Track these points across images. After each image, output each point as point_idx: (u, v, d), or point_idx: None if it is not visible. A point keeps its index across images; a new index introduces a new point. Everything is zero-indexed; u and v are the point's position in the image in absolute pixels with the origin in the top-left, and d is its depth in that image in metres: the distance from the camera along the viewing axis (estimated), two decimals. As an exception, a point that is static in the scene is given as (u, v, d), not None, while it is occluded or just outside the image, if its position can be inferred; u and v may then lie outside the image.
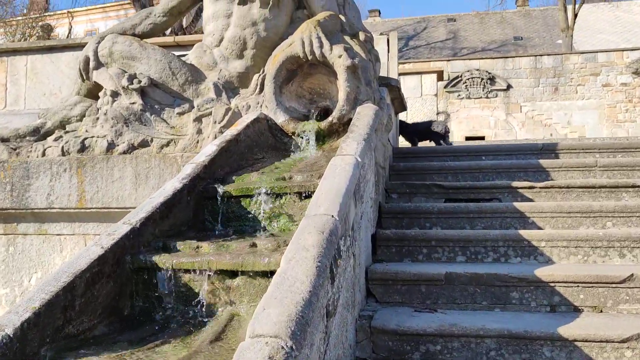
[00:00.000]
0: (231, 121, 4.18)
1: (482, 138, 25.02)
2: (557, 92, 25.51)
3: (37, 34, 18.80)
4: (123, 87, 4.34)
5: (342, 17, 4.40)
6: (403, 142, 7.08)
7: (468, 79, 25.48)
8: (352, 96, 3.96)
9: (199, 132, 4.26)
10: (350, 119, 3.94)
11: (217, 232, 2.93)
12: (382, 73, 6.33)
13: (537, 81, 25.59)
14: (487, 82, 25.43)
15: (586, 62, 25.12)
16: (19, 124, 7.12)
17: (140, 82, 4.33)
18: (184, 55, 4.63)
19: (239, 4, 4.38)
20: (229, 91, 4.46)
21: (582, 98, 25.13)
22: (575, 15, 26.77)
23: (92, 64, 4.50)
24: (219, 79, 4.46)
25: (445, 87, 25.37)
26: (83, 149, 4.39)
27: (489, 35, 31.11)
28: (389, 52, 6.44)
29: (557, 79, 25.54)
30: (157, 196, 2.72)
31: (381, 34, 6.44)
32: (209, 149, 3.36)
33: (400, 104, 5.75)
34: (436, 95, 9.50)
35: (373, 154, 3.74)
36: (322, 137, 4.05)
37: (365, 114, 3.75)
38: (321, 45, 3.93)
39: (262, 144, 3.94)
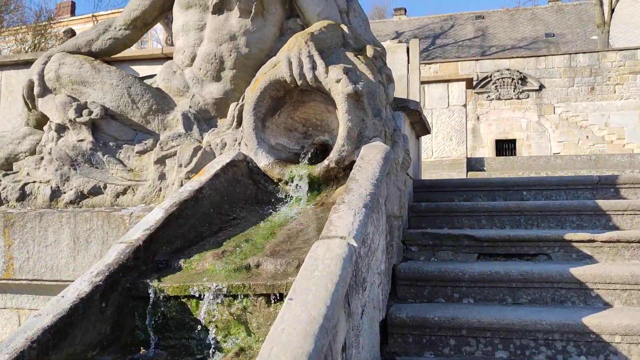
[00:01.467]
0: (201, 163, 3.26)
1: (513, 141, 23.81)
2: (593, 92, 24.11)
3: (55, 41, 18.22)
4: (70, 120, 3.46)
5: (345, 27, 3.44)
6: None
7: (498, 79, 24.27)
8: (354, 132, 3.02)
9: (162, 177, 3.36)
10: (354, 161, 3.00)
11: (149, 351, 2.01)
12: (401, 88, 5.35)
13: (571, 81, 24.22)
14: (518, 82, 24.18)
15: (625, 59, 23.67)
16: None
17: (90, 113, 3.44)
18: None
19: (213, 12, 3.46)
20: (203, 123, 3.54)
21: (621, 98, 23.70)
22: (612, 10, 25.29)
23: (36, 90, 3.64)
24: (190, 107, 3.55)
25: (474, 87, 24.18)
26: (23, 196, 3.53)
27: (519, 33, 29.73)
28: (409, 62, 5.46)
29: (593, 78, 24.15)
30: (50, 310, 1.81)
31: (400, 41, 5.46)
32: (152, 216, 2.45)
33: (422, 128, 4.77)
34: (465, 105, 8.46)
35: (382, 211, 2.78)
36: (317, 185, 3.11)
37: (370, 159, 2.79)
38: (314, 67, 3.00)
39: (237, 196, 3.02)
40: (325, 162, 3.03)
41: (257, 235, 2.61)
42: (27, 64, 6.42)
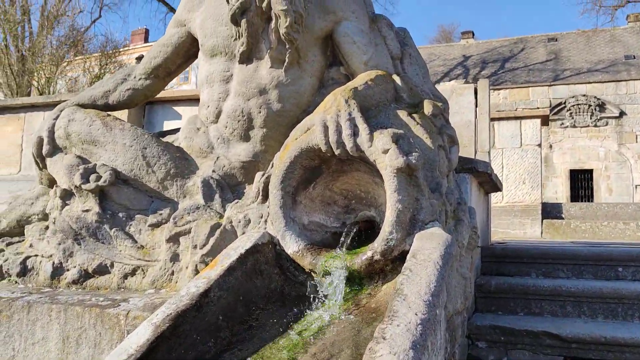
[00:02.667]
0: (219, 245, 2.70)
1: (590, 171, 22.31)
2: (681, 120, 22.37)
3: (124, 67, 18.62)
4: (76, 187, 2.99)
5: (397, 79, 2.82)
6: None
7: (573, 105, 22.90)
8: (406, 216, 2.37)
9: (175, 258, 2.82)
10: (404, 251, 2.36)
11: None
12: (468, 135, 4.65)
13: (656, 107, 22.57)
14: (595, 109, 22.71)
15: None
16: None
17: (99, 179, 2.96)
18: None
19: (240, 62, 2.92)
20: (227, 190, 2.99)
21: None
22: (702, 31, 23.44)
23: (45, 148, 3.21)
24: (214, 170, 3.01)
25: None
26: (24, 271, 3.09)
27: (595, 55, 28.05)
28: (477, 106, 4.74)
29: (680, 105, 22.41)
30: None
31: (466, 81, 4.77)
32: (135, 338, 1.89)
33: (492, 186, 4.04)
34: (540, 145, 7.58)
35: (440, 328, 2.11)
36: (358, 279, 2.47)
37: (425, 258, 2.14)
38: (355, 133, 2.38)
39: (258, 292, 2.43)
40: (369, 252, 2.39)
41: (278, 352, 2.00)
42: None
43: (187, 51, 3.24)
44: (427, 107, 2.76)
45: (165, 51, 3.23)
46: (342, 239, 2.58)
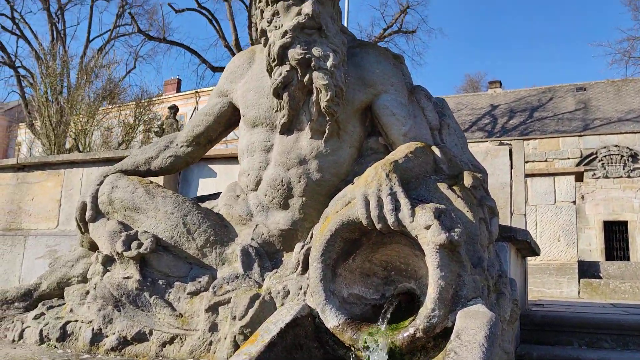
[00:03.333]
0: (258, 316, 2.70)
1: (624, 223, 21.79)
2: None
3: (161, 118, 19.14)
4: (117, 253, 3.04)
5: (436, 150, 2.84)
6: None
7: (605, 156, 22.59)
8: (448, 293, 2.34)
9: (213, 328, 2.82)
10: (447, 328, 2.32)
11: None
12: (503, 198, 4.61)
13: (691, 158, 22.13)
14: (628, 160, 22.34)
15: None
16: (67, 247, 6.18)
17: (140, 246, 3.01)
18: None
19: (281, 132, 2.99)
20: (266, 259, 3.01)
21: None
22: None
23: (88, 214, 3.28)
24: (253, 238, 3.04)
25: (578, 164, 22.60)
26: (64, 336, 3.13)
27: (626, 105, 27.80)
28: (512, 167, 4.73)
29: None
30: None
31: (501, 143, 4.77)
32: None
33: (530, 251, 3.98)
34: (574, 202, 7.47)
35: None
36: (398, 356, 2.43)
37: (470, 339, 2.10)
38: (396, 208, 2.39)
39: (298, 368, 2.40)
40: (411, 329, 2.36)
41: None
42: (108, 161, 6.34)
43: (228, 120, 3.33)
44: (467, 179, 2.76)
45: (207, 120, 3.32)
46: (382, 312, 2.56)
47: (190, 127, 3.39)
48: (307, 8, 2.77)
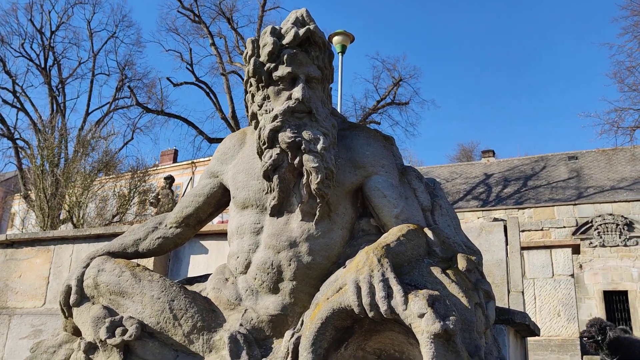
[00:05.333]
0: (246, 411, 2.55)
1: (624, 293, 21.57)
2: None
3: (156, 189, 19.16)
4: (101, 341, 2.92)
5: (429, 232, 2.79)
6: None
7: (600, 224, 22.63)
8: (445, 386, 2.22)
9: None
10: None
11: None
12: (500, 275, 4.53)
13: (688, 225, 22.22)
14: (623, 228, 22.37)
15: None
16: (53, 327, 5.98)
17: (124, 333, 2.90)
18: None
19: (271, 215, 2.94)
20: (255, 346, 2.89)
21: None
22: None
23: (72, 298, 3.18)
24: (241, 324, 2.93)
25: (574, 233, 22.56)
26: None
27: (618, 173, 28.11)
28: (507, 244, 4.67)
29: None
30: None
31: (495, 219, 4.73)
32: None
33: (529, 332, 3.86)
34: (573, 275, 7.37)
35: None
36: None
37: None
38: (389, 295, 2.32)
39: None
40: None
41: None
42: (99, 237, 6.26)
43: (218, 201, 3.30)
44: (462, 263, 2.70)
45: (197, 201, 3.29)
46: (376, 405, 2.43)
47: (179, 208, 3.35)
48: (297, 93, 2.79)
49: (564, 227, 22.81)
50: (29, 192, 20.92)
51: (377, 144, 3.03)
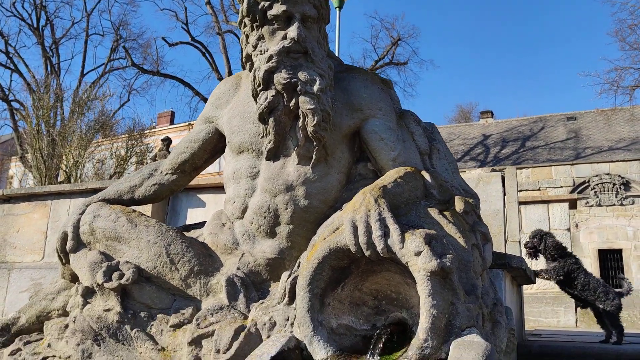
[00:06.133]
0: (243, 349, 2.58)
1: (619, 251, 21.72)
2: None
3: (153, 150, 19.10)
4: (98, 285, 2.93)
5: (427, 175, 2.77)
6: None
7: (597, 184, 22.63)
8: (441, 322, 2.24)
9: (197, 362, 2.69)
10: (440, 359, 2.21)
11: None
12: (497, 225, 4.54)
13: (684, 185, 22.20)
14: (620, 188, 22.39)
15: None
16: (52, 280, 6.02)
17: (121, 277, 2.90)
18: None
19: (267, 159, 2.91)
20: (252, 289, 2.90)
21: None
22: None
23: (69, 244, 3.17)
24: (239, 268, 2.94)
25: (571, 193, 22.62)
26: (41, 374, 2.97)
27: (616, 134, 28.03)
28: (505, 194, 4.66)
29: None
30: None
31: (493, 170, 4.71)
32: None
33: (525, 279, 3.89)
34: (569, 230, 7.39)
35: None
36: (390, 391, 2.31)
37: (464, 372, 1.99)
38: (385, 234, 2.31)
39: (284, 405, 2.28)
40: (401, 362, 2.25)
41: None
42: (96, 191, 6.23)
43: (214, 147, 3.26)
44: (459, 204, 2.69)
45: (192, 147, 3.25)
46: (372, 344, 2.44)
47: (175, 155, 3.31)
48: (292, 32, 2.72)
49: (561, 187, 22.87)
50: (25, 153, 20.83)
51: (374, 87, 2.98)
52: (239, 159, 3.02)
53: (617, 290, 4.84)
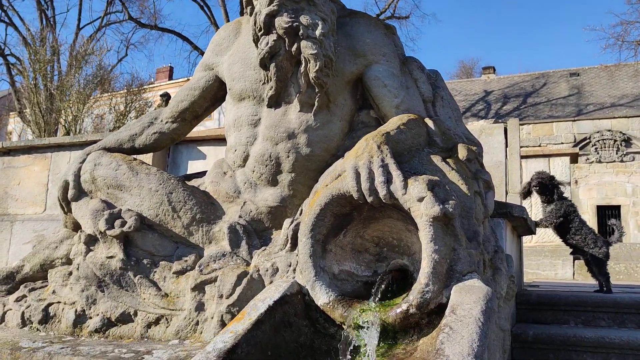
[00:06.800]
0: (246, 294, 2.61)
1: (618, 208, 21.85)
2: None
3: (152, 105, 18.95)
4: (100, 232, 2.94)
5: (430, 122, 2.74)
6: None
7: (598, 140, 22.55)
8: (442, 267, 2.25)
9: (200, 307, 2.73)
10: (441, 304, 2.24)
11: None
12: (499, 176, 4.53)
13: (685, 142, 22.16)
14: (621, 144, 22.33)
15: None
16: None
17: (123, 224, 2.91)
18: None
19: (269, 106, 2.88)
20: (254, 237, 2.91)
21: None
22: None
23: (71, 192, 3.17)
24: (240, 216, 2.94)
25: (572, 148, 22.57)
26: (46, 319, 3.02)
27: (619, 90, 27.76)
28: (507, 145, 4.64)
29: None
30: None
31: (496, 120, 4.67)
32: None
33: (526, 229, 3.90)
34: (569, 183, 7.39)
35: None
36: (391, 334, 2.34)
37: (465, 314, 2.02)
38: (388, 180, 2.29)
39: (287, 347, 2.32)
40: (404, 305, 2.27)
41: None
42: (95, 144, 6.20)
43: (214, 94, 3.21)
44: (462, 152, 2.67)
45: (193, 94, 3.21)
46: (374, 289, 2.47)
47: (175, 103, 3.27)
48: (294, -26, 2.64)
49: (562, 143, 22.80)
50: (23, 109, 20.66)
51: (378, 32, 2.91)
52: (240, 106, 2.98)
53: (605, 239, 4.89)
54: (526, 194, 4.73)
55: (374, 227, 2.63)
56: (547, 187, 4.74)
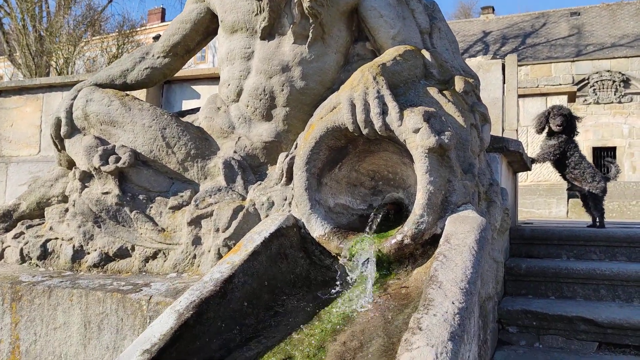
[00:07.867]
0: (242, 228, 2.62)
1: (613, 149, 21.90)
2: None
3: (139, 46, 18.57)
4: (95, 168, 2.92)
5: (426, 54, 2.68)
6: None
7: (597, 82, 22.34)
8: (437, 198, 2.26)
9: (197, 241, 2.75)
10: (435, 235, 2.26)
11: None
12: (496, 113, 4.50)
13: (683, 82, 21.98)
14: (619, 85, 22.13)
15: None
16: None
17: (118, 160, 2.89)
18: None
19: (262, 38, 2.81)
20: (249, 172, 2.90)
21: None
22: None
23: (63, 129, 3.14)
24: (235, 151, 2.92)
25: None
26: (45, 255, 3.05)
27: (620, 29, 27.29)
28: (504, 82, 4.57)
29: None
30: None
31: (494, 57, 4.59)
32: (158, 326, 1.82)
33: (521, 165, 3.90)
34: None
35: (475, 314, 2.01)
36: (386, 265, 2.37)
37: (459, 243, 2.03)
38: (384, 111, 2.27)
39: (283, 278, 2.35)
40: (398, 236, 2.29)
41: (300, 350, 1.92)
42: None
43: (206, 28, 3.14)
44: (459, 84, 2.63)
45: (184, 28, 3.13)
46: (369, 221, 2.48)
47: (166, 37, 3.19)
48: None
49: (560, 84, 22.55)
50: (13, 52, 20.23)
51: (374, -40, 2.80)
52: (232, 39, 2.91)
53: (604, 174, 4.91)
54: (542, 128, 4.67)
55: (370, 161, 2.62)
56: (570, 123, 4.70)
